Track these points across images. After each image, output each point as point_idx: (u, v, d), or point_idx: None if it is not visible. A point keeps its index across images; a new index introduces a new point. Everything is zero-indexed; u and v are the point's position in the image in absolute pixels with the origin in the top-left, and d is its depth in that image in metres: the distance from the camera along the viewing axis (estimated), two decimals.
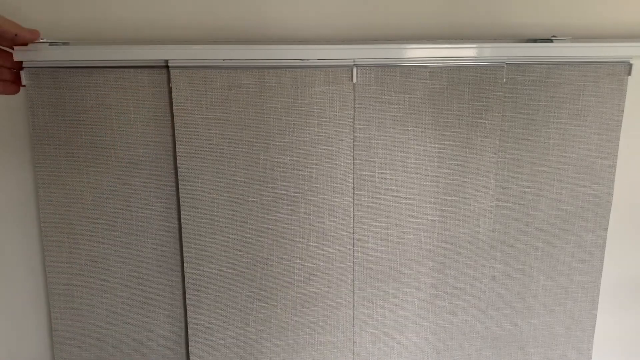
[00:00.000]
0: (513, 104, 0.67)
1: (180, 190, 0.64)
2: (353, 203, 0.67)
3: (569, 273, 0.73)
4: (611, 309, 0.80)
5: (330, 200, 0.66)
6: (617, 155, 0.69)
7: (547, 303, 0.74)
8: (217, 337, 0.68)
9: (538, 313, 0.74)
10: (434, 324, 0.72)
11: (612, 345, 0.83)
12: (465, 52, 0.64)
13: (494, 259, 0.71)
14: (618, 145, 0.69)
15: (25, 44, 0.56)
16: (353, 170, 0.66)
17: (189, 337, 0.68)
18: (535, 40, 0.68)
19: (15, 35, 0.54)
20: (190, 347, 0.68)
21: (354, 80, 0.63)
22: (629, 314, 0.81)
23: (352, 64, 0.63)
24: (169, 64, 0.61)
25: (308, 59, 0.62)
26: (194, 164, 0.63)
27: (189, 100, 0.62)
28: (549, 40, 0.66)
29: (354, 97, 0.64)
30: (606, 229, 0.72)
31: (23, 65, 0.59)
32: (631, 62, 0.67)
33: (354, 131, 0.65)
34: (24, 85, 0.60)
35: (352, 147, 0.65)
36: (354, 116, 0.64)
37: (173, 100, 0.61)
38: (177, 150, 0.63)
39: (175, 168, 0.64)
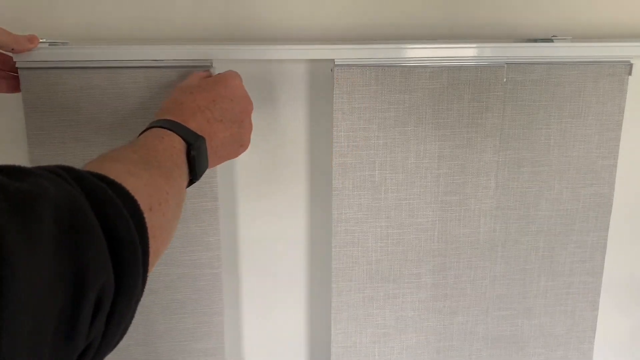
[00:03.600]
0: (513, 104, 0.67)
1: None
2: (219, 207, 0.65)
3: (569, 273, 0.73)
4: (612, 310, 0.80)
5: (193, 205, 0.64)
6: (617, 155, 0.69)
7: (547, 303, 0.73)
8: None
9: (539, 313, 0.74)
10: (434, 325, 0.72)
11: (613, 345, 0.82)
12: (465, 52, 0.64)
13: (495, 259, 0.71)
14: (619, 145, 0.69)
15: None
16: (217, 171, 0.64)
17: None
18: (535, 40, 0.68)
19: (13, 49, 0.55)
20: None
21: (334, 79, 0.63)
22: (630, 314, 0.81)
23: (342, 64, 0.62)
24: (17, 65, 0.59)
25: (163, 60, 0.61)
26: None
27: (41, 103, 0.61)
28: (550, 40, 0.66)
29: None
30: (607, 229, 0.72)
31: (17, 66, 0.59)
32: (632, 62, 0.66)
33: (332, 132, 0.64)
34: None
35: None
36: (332, 117, 0.64)
37: (24, 103, 0.60)
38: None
39: None
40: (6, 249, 0.23)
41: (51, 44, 0.59)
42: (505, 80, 0.65)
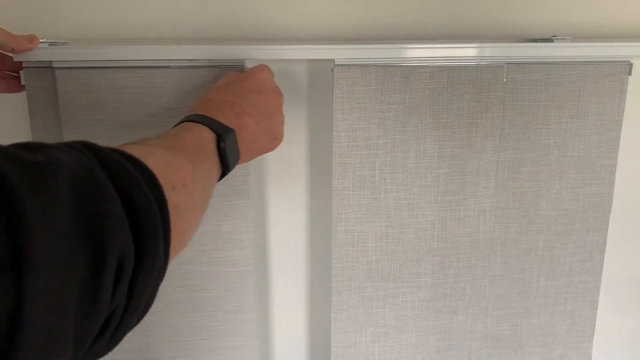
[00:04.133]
0: (513, 104, 0.67)
1: None
2: (250, 207, 0.66)
3: (569, 273, 0.73)
4: (611, 309, 0.80)
5: (226, 203, 0.65)
6: (617, 155, 0.69)
7: (547, 303, 0.74)
8: None
9: (538, 313, 0.74)
10: (433, 324, 0.72)
11: (612, 345, 0.83)
12: (465, 52, 0.64)
13: (494, 258, 0.71)
14: (618, 145, 0.69)
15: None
16: (249, 169, 0.64)
17: None
18: (535, 40, 0.68)
19: (13, 50, 0.55)
20: None
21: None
22: (629, 314, 0.81)
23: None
24: (53, 65, 0.59)
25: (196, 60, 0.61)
26: None
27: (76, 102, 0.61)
28: (550, 40, 0.66)
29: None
30: (606, 229, 0.72)
31: (23, 65, 0.59)
32: (632, 62, 0.66)
33: (332, 132, 0.64)
34: (24, 85, 0.60)
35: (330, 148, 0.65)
36: (332, 117, 0.64)
37: (59, 103, 0.60)
38: None
39: None
40: (25, 217, 0.23)
41: (51, 44, 0.59)
42: (505, 80, 0.65)
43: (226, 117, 0.49)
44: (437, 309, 0.72)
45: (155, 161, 0.36)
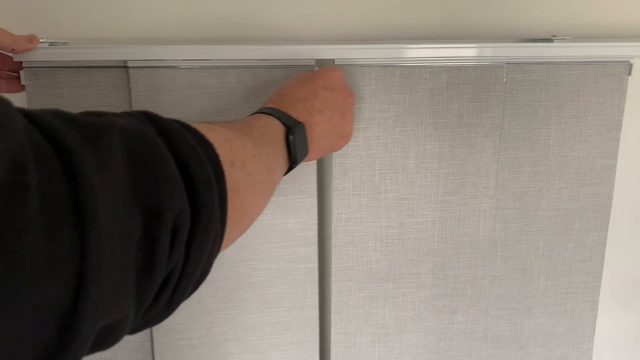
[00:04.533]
0: (513, 104, 0.67)
1: None
2: (317, 204, 0.66)
3: (569, 273, 0.73)
4: (611, 309, 0.80)
5: (293, 201, 0.66)
6: (617, 155, 0.69)
7: (547, 303, 0.73)
8: (182, 338, 0.68)
9: (538, 313, 0.74)
10: (434, 324, 0.72)
11: (612, 345, 0.82)
12: (465, 52, 0.64)
13: (494, 259, 0.71)
14: (618, 145, 0.69)
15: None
16: (317, 170, 0.65)
17: (153, 337, 0.68)
18: (535, 40, 0.68)
19: (13, 50, 0.55)
20: (155, 348, 0.68)
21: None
22: (629, 314, 0.81)
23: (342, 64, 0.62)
24: (127, 65, 0.60)
25: (269, 59, 0.61)
26: None
27: (150, 101, 0.61)
28: (549, 40, 0.66)
29: None
30: (606, 229, 0.72)
31: (23, 65, 0.59)
32: (631, 62, 0.66)
33: None
34: (24, 85, 0.60)
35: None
36: None
37: (132, 102, 0.61)
38: None
39: None
40: (84, 174, 0.24)
41: (51, 44, 0.59)
42: (505, 80, 0.65)
43: (298, 112, 0.50)
44: (438, 309, 0.72)
45: (216, 136, 0.36)
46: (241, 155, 0.38)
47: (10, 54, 0.57)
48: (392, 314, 0.71)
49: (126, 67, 0.60)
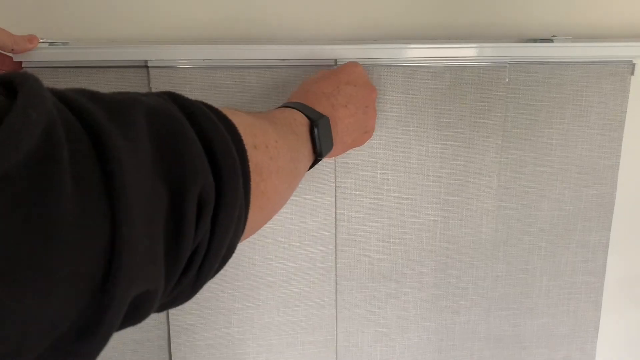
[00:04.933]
0: (515, 104, 0.66)
1: None
2: (335, 204, 0.66)
3: (572, 273, 0.73)
4: (614, 310, 0.80)
5: (311, 200, 0.66)
6: (620, 155, 0.69)
7: (550, 303, 0.73)
8: (199, 338, 0.68)
9: (541, 313, 0.74)
10: (436, 324, 0.72)
11: (615, 345, 0.82)
12: (468, 52, 0.63)
13: (497, 259, 0.71)
14: (621, 145, 0.69)
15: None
16: (335, 170, 0.65)
17: (171, 337, 0.68)
18: (535, 40, 0.68)
19: (12, 50, 0.55)
20: (172, 348, 0.68)
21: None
22: (632, 314, 0.81)
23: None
24: (148, 64, 0.60)
25: (289, 59, 0.61)
26: None
27: None
28: (550, 40, 0.66)
29: None
30: (609, 229, 0.72)
31: (22, 66, 0.59)
32: (634, 62, 0.66)
33: None
34: None
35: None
36: None
37: None
38: None
39: None
40: (112, 148, 0.24)
41: (51, 44, 0.59)
42: (507, 80, 0.65)
43: (322, 106, 0.50)
44: (440, 309, 0.71)
45: (239, 120, 0.36)
46: (264, 140, 0.38)
47: (10, 54, 0.57)
48: (394, 314, 0.71)
49: (147, 66, 0.60)
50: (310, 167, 0.50)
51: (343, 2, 0.67)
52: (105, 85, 0.61)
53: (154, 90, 0.60)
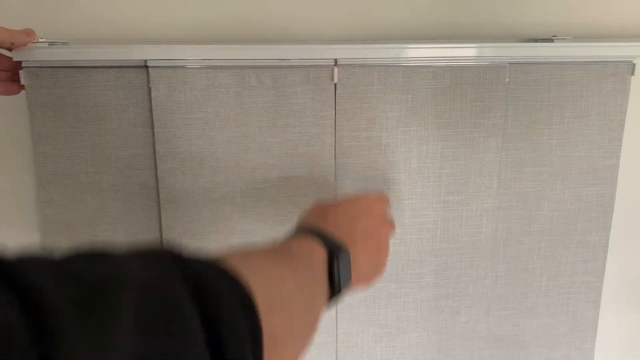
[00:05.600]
0: (516, 104, 0.66)
1: (160, 192, 0.63)
2: None
3: (571, 273, 0.73)
4: (614, 310, 0.80)
5: (312, 200, 0.65)
6: (620, 155, 0.69)
7: (549, 303, 0.73)
8: None
9: (540, 313, 0.74)
10: (436, 324, 0.72)
11: (614, 345, 0.82)
12: (468, 52, 0.63)
13: (497, 259, 0.71)
14: (621, 145, 0.69)
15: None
16: (335, 170, 0.65)
17: None
18: (535, 40, 0.68)
19: (12, 43, 0.54)
20: None
21: (335, 80, 0.62)
22: (632, 314, 0.81)
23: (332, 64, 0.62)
24: (148, 64, 0.60)
25: (288, 59, 0.61)
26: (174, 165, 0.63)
27: (168, 100, 0.61)
28: (550, 40, 0.66)
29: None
30: (609, 229, 0.72)
31: (22, 65, 0.59)
32: (634, 62, 0.66)
33: (335, 132, 0.64)
34: (24, 86, 0.60)
35: (333, 148, 0.65)
36: (335, 117, 0.63)
37: (152, 101, 0.61)
38: (156, 151, 0.62)
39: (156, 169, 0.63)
40: (60, 346, 0.20)
41: (51, 44, 0.58)
42: (507, 80, 0.65)
43: (341, 235, 0.47)
44: (440, 309, 0.71)
45: (254, 277, 0.32)
46: (279, 295, 0.34)
47: (10, 54, 0.57)
48: (394, 314, 0.71)
49: (146, 66, 0.60)
50: (328, 305, 0.45)
51: (343, 2, 0.67)
52: (105, 85, 0.60)
53: (153, 90, 0.60)
